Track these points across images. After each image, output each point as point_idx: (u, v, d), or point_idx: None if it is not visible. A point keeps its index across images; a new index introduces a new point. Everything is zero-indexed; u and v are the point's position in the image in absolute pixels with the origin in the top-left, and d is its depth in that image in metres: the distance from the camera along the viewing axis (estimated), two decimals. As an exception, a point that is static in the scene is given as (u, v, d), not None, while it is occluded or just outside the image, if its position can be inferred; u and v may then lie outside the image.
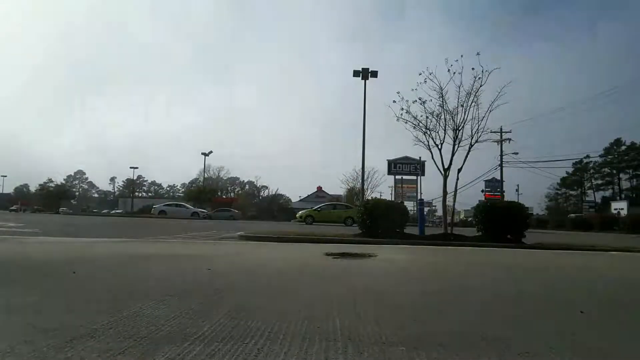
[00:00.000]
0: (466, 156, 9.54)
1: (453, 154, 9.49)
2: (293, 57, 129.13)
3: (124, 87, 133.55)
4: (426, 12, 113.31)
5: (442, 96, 9.38)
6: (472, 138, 9.36)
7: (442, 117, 9.46)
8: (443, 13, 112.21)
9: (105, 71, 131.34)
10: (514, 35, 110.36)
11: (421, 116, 9.62)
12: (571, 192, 69.88)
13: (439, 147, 9.57)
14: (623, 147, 62.10)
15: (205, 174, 51.15)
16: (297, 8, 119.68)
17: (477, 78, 9.05)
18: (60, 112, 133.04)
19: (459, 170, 9.68)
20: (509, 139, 34.78)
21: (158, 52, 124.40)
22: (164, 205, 33.44)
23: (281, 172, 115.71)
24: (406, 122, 9.74)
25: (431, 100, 9.51)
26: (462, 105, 9.31)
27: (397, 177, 17.08)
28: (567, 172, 61.50)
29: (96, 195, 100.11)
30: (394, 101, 9.82)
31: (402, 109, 9.68)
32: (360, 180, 25.89)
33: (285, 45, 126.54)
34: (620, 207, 38.51)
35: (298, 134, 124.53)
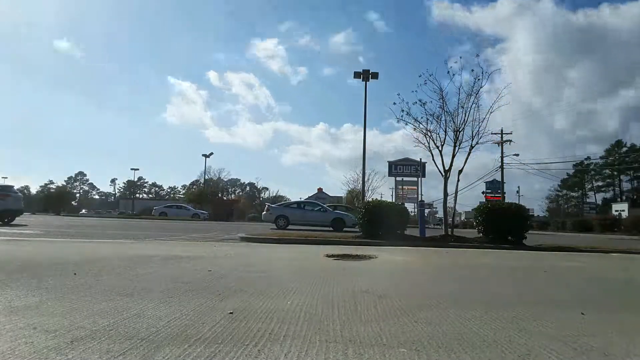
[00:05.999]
0: (467, 158, 9.56)
1: (454, 156, 9.51)
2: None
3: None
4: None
5: (442, 97, 9.42)
6: (473, 140, 9.39)
7: (443, 118, 9.50)
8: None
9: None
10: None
11: (421, 118, 9.67)
12: (572, 194, 69.76)
13: (440, 148, 9.59)
14: (624, 149, 62.03)
15: (206, 176, 51.13)
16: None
17: (477, 79, 9.09)
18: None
19: (460, 172, 9.69)
20: (510, 141, 34.80)
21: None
22: (164, 206, 33.44)
23: (282, 172, 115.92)
24: (406, 124, 9.79)
25: (431, 101, 9.55)
26: (462, 107, 9.34)
27: (398, 178, 17.12)
28: (567, 174, 61.46)
29: (97, 197, 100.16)
30: (395, 103, 9.87)
31: (403, 110, 9.73)
32: (361, 182, 25.86)
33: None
34: (621, 208, 38.44)
35: (299, 132, 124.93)
